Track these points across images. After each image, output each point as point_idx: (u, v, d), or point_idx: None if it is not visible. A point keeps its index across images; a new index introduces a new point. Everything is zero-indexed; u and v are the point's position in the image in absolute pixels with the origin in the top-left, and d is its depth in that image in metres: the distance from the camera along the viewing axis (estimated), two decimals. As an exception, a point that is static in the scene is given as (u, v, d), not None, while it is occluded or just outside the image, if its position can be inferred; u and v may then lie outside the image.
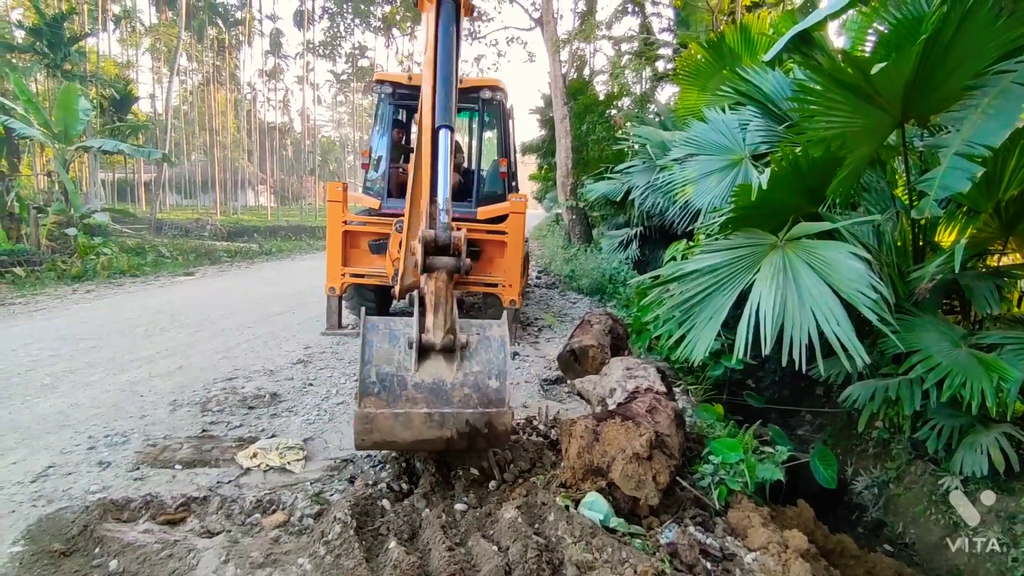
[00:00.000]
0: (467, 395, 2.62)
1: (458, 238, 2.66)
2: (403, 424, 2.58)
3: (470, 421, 2.63)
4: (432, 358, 2.65)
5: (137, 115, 31.31)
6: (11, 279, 8.99)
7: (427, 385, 2.61)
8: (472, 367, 2.67)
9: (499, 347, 2.73)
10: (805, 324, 3.01)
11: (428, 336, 2.64)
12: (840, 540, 3.15)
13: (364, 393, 2.57)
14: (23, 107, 12.88)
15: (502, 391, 2.66)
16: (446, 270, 2.66)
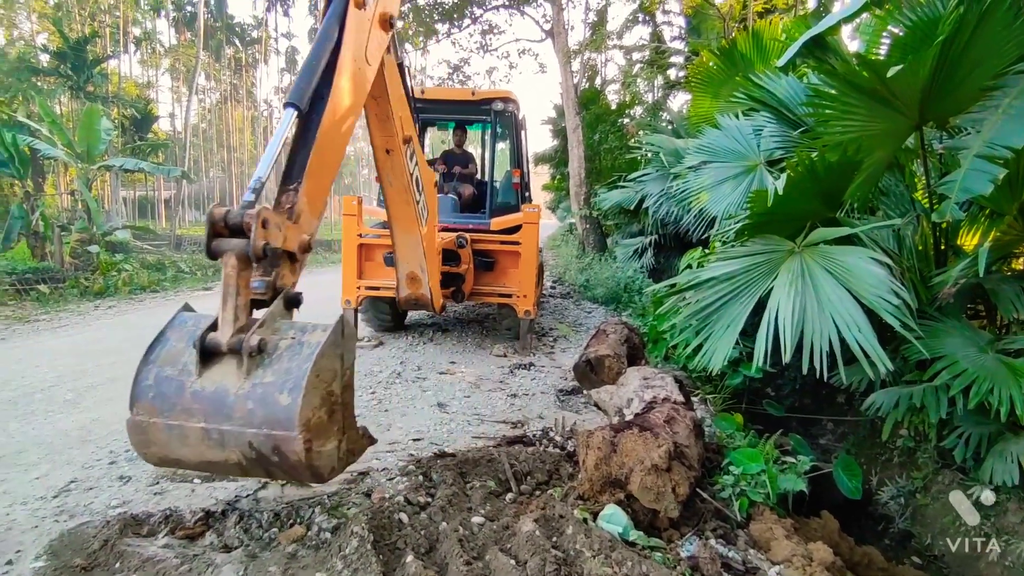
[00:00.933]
0: (250, 411, 2.04)
1: (250, 215, 2.15)
2: (179, 439, 2.12)
3: (254, 444, 2.05)
4: (222, 362, 2.14)
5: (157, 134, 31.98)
6: (36, 296, 9.18)
7: (207, 394, 2.08)
8: (265, 376, 2.08)
9: (308, 356, 2.10)
10: (826, 331, 2.95)
11: (215, 335, 2.15)
12: (867, 552, 3.08)
13: (136, 397, 2.13)
14: (47, 128, 13.23)
15: (292, 409, 2.00)
16: (234, 254, 2.16)
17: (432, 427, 4.09)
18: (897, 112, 3.21)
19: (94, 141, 12.97)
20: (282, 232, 2.33)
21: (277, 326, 2.24)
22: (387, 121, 3.92)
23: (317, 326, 2.23)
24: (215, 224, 2.21)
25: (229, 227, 2.21)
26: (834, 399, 4.87)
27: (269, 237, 2.20)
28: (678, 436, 2.90)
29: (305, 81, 2.68)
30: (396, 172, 4.26)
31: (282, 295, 2.33)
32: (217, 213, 2.22)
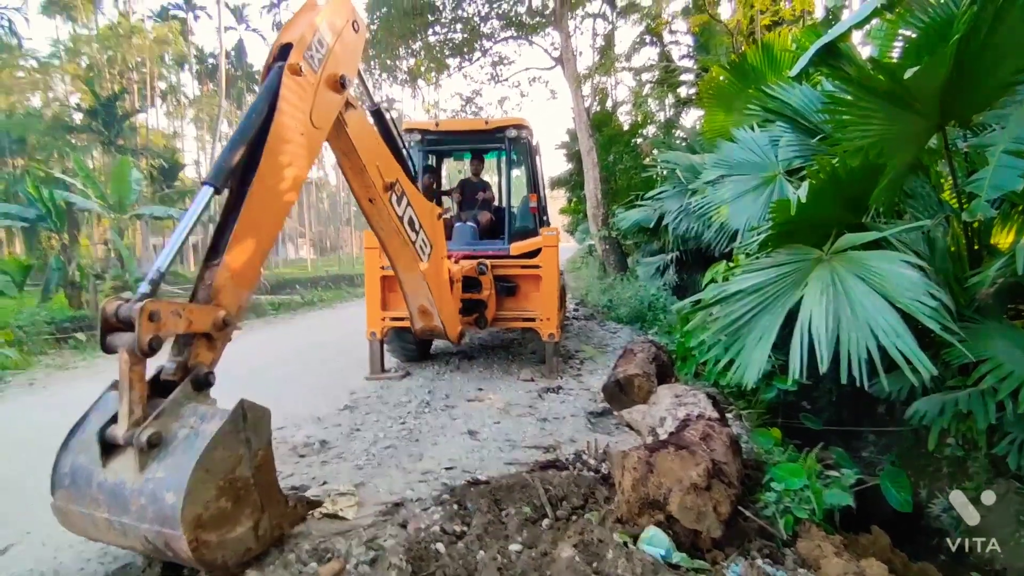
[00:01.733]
0: (142, 507, 2.06)
1: (134, 310, 2.13)
2: (92, 526, 2.19)
3: (149, 539, 2.07)
4: (123, 454, 2.16)
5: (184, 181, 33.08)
6: (74, 344, 9.44)
7: (109, 487, 2.13)
8: (157, 472, 2.09)
9: (197, 448, 2.09)
10: (862, 339, 2.88)
11: (114, 428, 2.18)
12: (923, 569, 2.94)
13: (54, 484, 2.22)
14: (81, 182, 13.79)
15: (175, 508, 1.99)
16: (125, 349, 2.16)
17: (464, 455, 4.06)
18: (917, 113, 3.17)
19: (125, 192, 13.47)
20: (183, 317, 2.32)
21: (181, 412, 2.24)
22: (362, 173, 3.88)
23: (216, 413, 2.23)
24: (107, 319, 2.21)
25: (121, 321, 2.20)
26: (874, 409, 4.71)
27: (162, 328, 2.20)
28: (715, 453, 2.84)
29: (223, 159, 2.65)
30: (383, 218, 4.26)
31: (190, 377, 2.34)
32: (109, 308, 2.22)
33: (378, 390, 5.93)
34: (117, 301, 2.23)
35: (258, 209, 2.69)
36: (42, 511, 3.27)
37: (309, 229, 52.88)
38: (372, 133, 3.97)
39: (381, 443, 4.34)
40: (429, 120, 8.28)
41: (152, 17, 42.00)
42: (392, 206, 4.19)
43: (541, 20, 16.54)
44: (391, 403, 5.44)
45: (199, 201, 2.55)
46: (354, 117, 3.65)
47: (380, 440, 4.41)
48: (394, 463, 3.94)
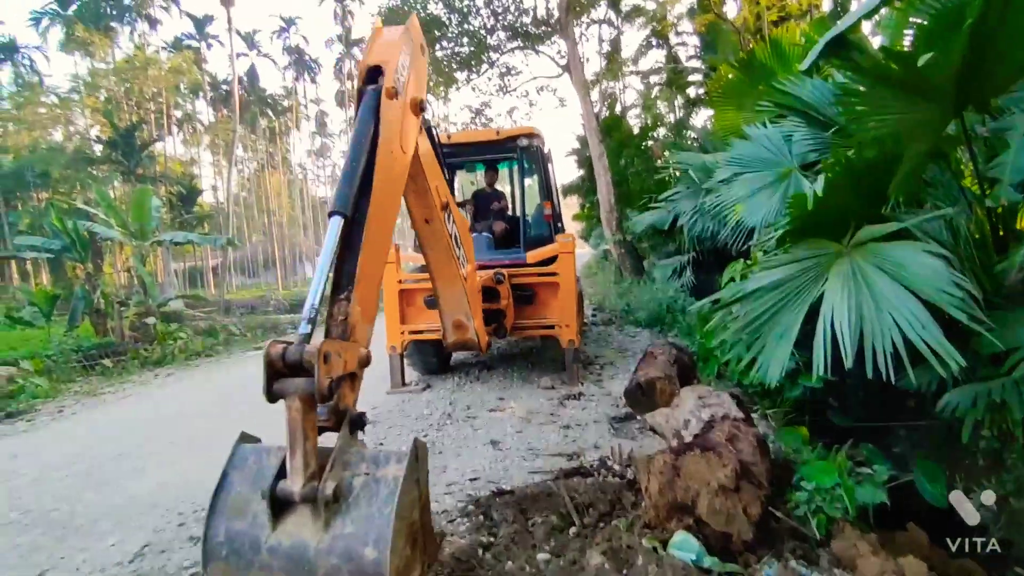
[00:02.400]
0: (335, 567, 1.88)
1: (311, 353, 1.99)
2: None
3: None
4: (296, 512, 1.98)
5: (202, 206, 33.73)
6: (100, 370, 9.62)
7: (285, 550, 1.92)
8: (345, 527, 1.92)
9: (387, 497, 1.93)
10: (887, 332, 2.82)
11: (285, 484, 1.98)
12: (963, 566, 2.85)
13: (208, 555, 1.98)
14: (103, 212, 14.11)
15: (381, 564, 1.84)
16: (298, 396, 2.00)
17: (487, 465, 4.05)
18: (933, 100, 3.11)
19: (146, 219, 13.75)
20: (342, 358, 2.17)
21: (347, 459, 2.08)
22: (425, 195, 3.92)
23: (390, 457, 2.08)
24: (273, 363, 2.04)
25: (288, 365, 2.04)
26: (904, 404, 4.60)
27: (332, 371, 2.06)
28: (743, 454, 2.79)
29: (348, 186, 2.54)
30: (436, 238, 4.31)
31: (347, 420, 2.20)
32: (274, 351, 2.05)
33: (400, 404, 5.94)
34: (281, 344, 2.08)
35: (376, 238, 2.59)
36: (74, 538, 3.34)
37: (325, 247, 53.57)
38: (432, 154, 3.97)
39: (405, 456, 4.34)
40: (440, 134, 8.34)
41: (167, 48, 43.12)
42: (447, 225, 4.26)
43: (547, 29, 16.63)
44: (413, 416, 5.45)
45: (332, 234, 2.42)
46: (423, 140, 3.64)
47: (403, 453, 4.41)
48: (418, 476, 3.94)
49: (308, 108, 55.96)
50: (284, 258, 46.45)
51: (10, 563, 3.10)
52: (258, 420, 5.54)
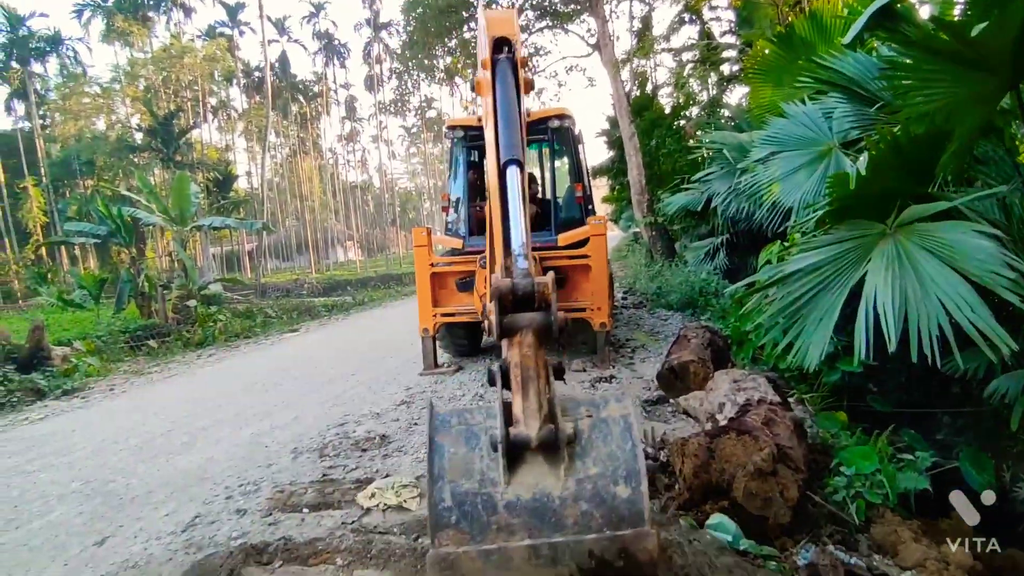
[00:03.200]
0: (586, 512, 1.69)
1: (544, 284, 1.88)
2: (500, 566, 1.69)
3: (595, 552, 1.67)
4: (528, 461, 1.77)
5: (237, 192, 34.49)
6: (146, 351, 10.03)
7: (526, 504, 1.72)
8: (588, 468, 1.74)
9: (622, 432, 1.79)
10: (933, 315, 2.74)
11: (519, 429, 1.77)
12: (1011, 555, 2.78)
13: (438, 524, 1.71)
14: (145, 198, 14.58)
15: (638, 500, 1.67)
16: (532, 330, 1.87)
17: (520, 446, 4.09)
18: (987, 72, 2.97)
19: (185, 205, 14.16)
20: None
21: (564, 404, 1.90)
22: None
23: (607, 399, 1.92)
24: (504, 296, 1.90)
25: (518, 298, 1.91)
26: (948, 389, 4.47)
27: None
28: (779, 438, 2.77)
29: (516, 135, 2.71)
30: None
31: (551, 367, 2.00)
32: (504, 285, 1.91)
33: (432, 385, 6.04)
34: (507, 279, 1.94)
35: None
36: (130, 508, 3.52)
37: (356, 231, 54.20)
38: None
39: (439, 436, 4.42)
40: (471, 116, 8.31)
41: (201, 36, 43.89)
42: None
43: (576, 7, 16.33)
44: (445, 397, 5.53)
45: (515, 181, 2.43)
46: None
47: (438, 434, 4.49)
48: (453, 455, 4.02)
49: (338, 93, 56.43)
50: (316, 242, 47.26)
51: (76, 530, 3.29)
52: (302, 399, 5.74)
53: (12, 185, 29.76)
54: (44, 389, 7.24)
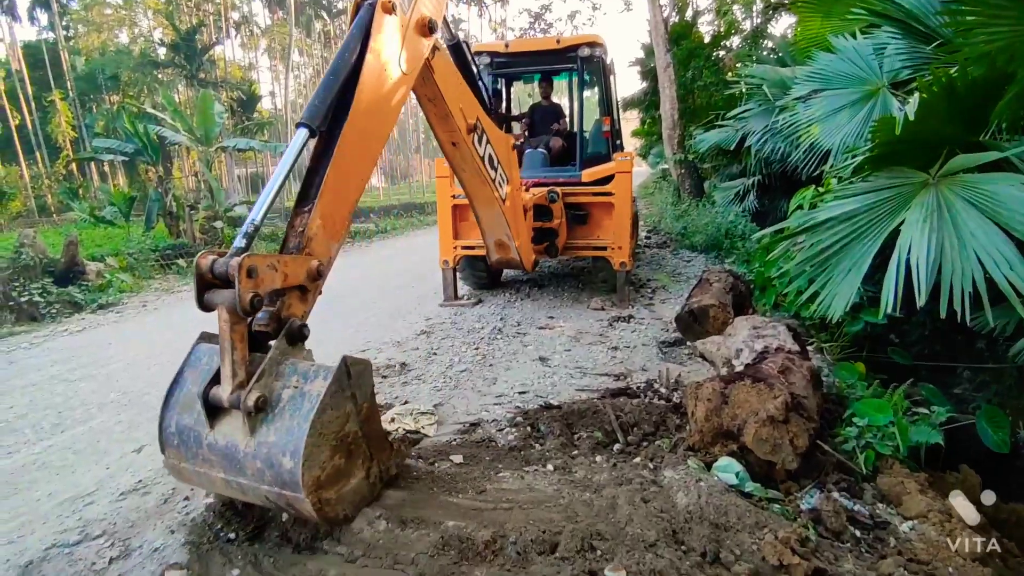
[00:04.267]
0: (260, 470, 2.04)
1: (232, 267, 2.01)
2: (208, 482, 2.21)
3: (270, 498, 2.10)
4: (230, 414, 2.11)
5: (261, 113, 34.09)
6: (176, 269, 10.29)
7: (220, 448, 2.10)
8: (268, 435, 2.05)
9: (307, 411, 2.04)
10: (968, 270, 2.66)
11: (217, 390, 2.11)
12: (1016, 510, 2.82)
13: (164, 443, 2.23)
14: (170, 116, 14.50)
15: (295, 474, 1.97)
16: (225, 307, 2.05)
17: (536, 380, 4.19)
18: (1062, 10, 2.73)
19: (210, 125, 14.07)
20: (279, 271, 2.22)
21: (281, 370, 2.18)
22: (447, 119, 3.80)
23: (320, 370, 2.15)
24: (203, 275, 2.10)
25: (217, 277, 2.09)
26: (972, 345, 4.40)
27: (260, 285, 2.09)
28: (794, 387, 2.78)
29: (319, 98, 2.50)
30: (465, 160, 4.23)
31: (284, 332, 2.23)
32: (203, 263, 2.10)
33: (452, 316, 6.14)
34: (211, 256, 2.12)
35: (350, 155, 2.60)
36: (166, 418, 3.73)
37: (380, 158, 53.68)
38: (456, 76, 3.83)
39: (457, 367, 4.54)
40: (498, 41, 7.95)
41: (221, -56, 42.03)
42: (474, 147, 4.15)
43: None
44: (465, 329, 5.63)
45: (294, 145, 2.44)
46: (440, 61, 3.51)
47: (456, 364, 4.61)
48: (469, 386, 4.14)
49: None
50: (340, 167, 47.06)
51: (116, 437, 3.52)
52: (325, 325, 5.89)
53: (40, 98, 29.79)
54: (80, 303, 7.53)
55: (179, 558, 2.25)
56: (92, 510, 2.70)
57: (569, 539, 2.06)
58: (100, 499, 2.80)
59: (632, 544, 2.05)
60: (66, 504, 2.77)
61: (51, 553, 2.36)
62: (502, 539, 2.11)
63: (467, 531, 2.15)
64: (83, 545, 2.42)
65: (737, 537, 2.10)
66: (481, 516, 2.31)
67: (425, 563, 2.02)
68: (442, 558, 2.03)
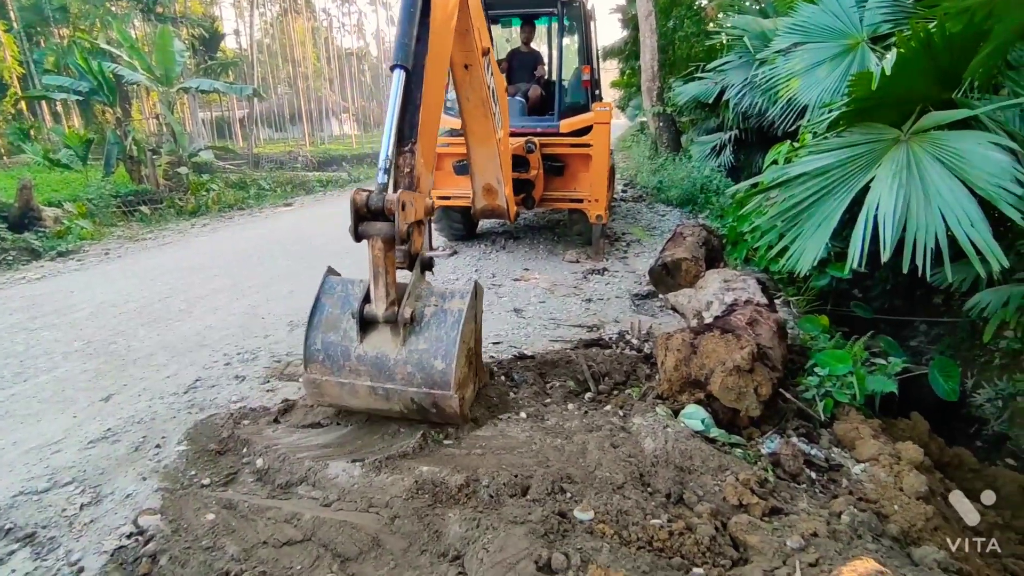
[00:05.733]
0: (410, 374, 2.43)
1: (391, 201, 2.35)
2: (350, 393, 2.53)
3: (415, 400, 2.46)
4: (378, 330, 2.50)
5: (225, 52, 32.36)
6: (139, 217, 9.94)
7: (370, 358, 2.47)
8: (418, 344, 2.45)
9: (452, 323, 2.45)
10: (932, 226, 2.73)
11: (371, 308, 2.48)
12: (958, 453, 3.01)
13: (309, 359, 2.54)
14: (127, 54, 13.66)
15: (448, 374, 2.39)
16: (380, 238, 2.40)
17: (510, 331, 4.23)
18: (1042, -35, 2.72)
19: (170, 64, 13.31)
20: (414, 207, 2.47)
21: (419, 293, 2.55)
22: (466, 35, 3.75)
23: (455, 293, 2.56)
24: (359, 208, 2.40)
25: (371, 211, 2.39)
26: (930, 300, 4.58)
27: (407, 218, 2.39)
28: (761, 338, 2.86)
29: (405, 36, 2.63)
30: (475, 87, 4.16)
31: (418, 262, 2.57)
32: (359, 198, 2.40)
33: (427, 268, 6.09)
34: (365, 192, 2.42)
35: (433, 85, 2.74)
36: (132, 368, 3.67)
37: (352, 103, 51.82)
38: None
39: (431, 317, 4.54)
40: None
41: None
42: (485, 73, 4.15)
43: None
44: (439, 280, 5.61)
45: (396, 88, 2.57)
46: None
47: (430, 315, 4.61)
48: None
49: (332, -57, 51.20)
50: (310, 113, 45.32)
51: (80, 385, 3.46)
52: (298, 274, 5.80)
53: (-19, 30, 27.70)
54: (38, 250, 7.26)
55: (152, 504, 2.26)
56: (60, 458, 2.68)
57: (540, 482, 2.13)
58: (68, 447, 2.77)
59: (601, 487, 2.13)
60: (32, 452, 2.74)
61: (19, 500, 2.34)
62: (475, 483, 2.17)
63: (441, 476, 2.21)
64: (52, 492, 2.40)
65: (700, 479, 2.20)
66: (455, 461, 2.37)
67: (399, 506, 2.06)
68: (416, 501, 2.09)
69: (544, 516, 1.91)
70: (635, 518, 1.94)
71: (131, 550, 2.02)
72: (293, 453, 2.48)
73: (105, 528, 2.16)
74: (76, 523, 2.20)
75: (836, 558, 1.70)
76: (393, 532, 1.97)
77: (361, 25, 62.53)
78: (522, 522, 1.88)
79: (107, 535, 2.12)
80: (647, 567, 1.70)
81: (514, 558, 1.71)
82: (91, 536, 2.12)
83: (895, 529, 1.97)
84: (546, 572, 1.67)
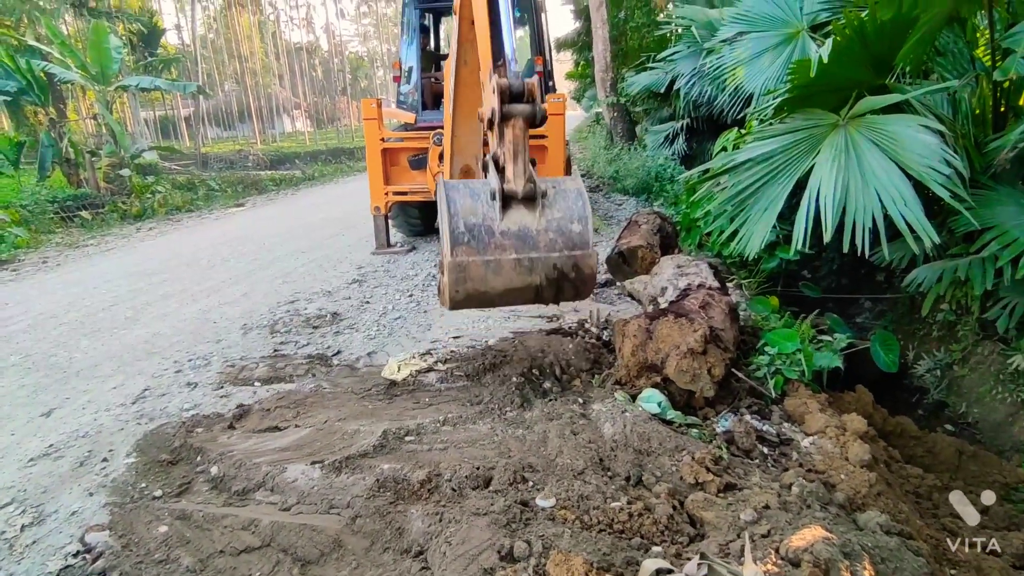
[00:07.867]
0: (552, 239, 2.60)
1: (531, 83, 2.55)
2: (494, 271, 2.61)
3: (557, 265, 2.63)
4: (515, 207, 2.61)
5: (166, 48, 31.05)
6: (80, 222, 9.49)
7: (513, 232, 2.59)
8: (554, 214, 2.62)
9: (576, 196, 2.67)
10: (869, 207, 2.85)
11: (509, 185, 2.59)
12: (900, 422, 3.16)
13: (455, 243, 2.56)
14: (58, 50, 12.97)
15: (586, 234, 2.62)
16: (523, 117, 2.57)
17: (470, 325, 4.23)
18: (962, -45, 2.86)
19: (106, 61, 12.71)
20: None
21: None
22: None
23: (566, 178, 2.79)
24: (503, 92, 2.54)
25: (513, 94, 2.54)
26: (873, 278, 4.79)
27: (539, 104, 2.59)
28: (713, 321, 2.93)
29: None
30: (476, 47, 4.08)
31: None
32: (503, 83, 2.54)
33: (385, 264, 6.03)
34: (505, 78, 2.55)
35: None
36: (75, 381, 3.51)
37: (303, 99, 50.56)
38: None
39: (390, 314, 4.50)
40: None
41: None
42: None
43: None
44: (398, 276, 5.56)
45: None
46: None
47: (389, 312, 4.56)
48: (404, 333, 4.12)
49: (275, -66, 49.61)
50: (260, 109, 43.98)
51: (19, 401, 3.29)
52: (251, 276, 5.65)
53: None
54: (-32, 260, 6.85)
55: (100, 519, 2.17)
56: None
57: (502, 473, 2.14)
58: (6, 467, 2.63)
59: (562, 474, 2.15)
60: (-31, 473, 2.59)
61: (-45, 524, 2.22)
62: (437, 477, 2.16)
63: (403, 472, 2.19)
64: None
65: (658, 461, 2.25)
66: (416, 457, 2.36)
67: (361, 506, 2.04)
68: (377, 499, 2.07)
69: (506, 506, 1.92)
70: (596, 502, 1.97)
71: (78, 568, 1.94)
72: (249, 458, 2.42)
73: (49, 548, 2.06)
74: (17, 545, 2.09)
75: (787, 528, 1.76)
76: (355, 532, 1.95)
77: (310, 19, 60.90)
78: (484, 513, 1.89)
79: (51, 555, 2.02)
80: (608, 549, 1.72)
81: (476, 549, 1.72)
82: (34, 557, 2.03)
83: (841, 497, 2.05)
84: (508, 561, 1.69)
